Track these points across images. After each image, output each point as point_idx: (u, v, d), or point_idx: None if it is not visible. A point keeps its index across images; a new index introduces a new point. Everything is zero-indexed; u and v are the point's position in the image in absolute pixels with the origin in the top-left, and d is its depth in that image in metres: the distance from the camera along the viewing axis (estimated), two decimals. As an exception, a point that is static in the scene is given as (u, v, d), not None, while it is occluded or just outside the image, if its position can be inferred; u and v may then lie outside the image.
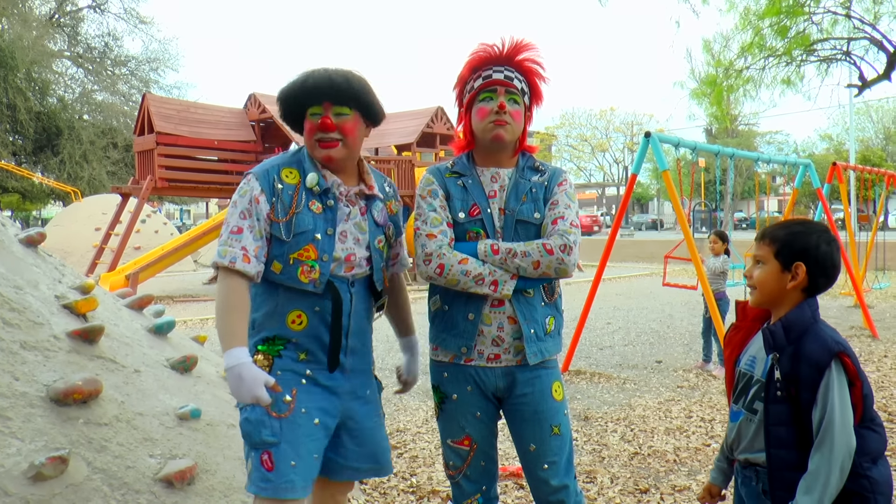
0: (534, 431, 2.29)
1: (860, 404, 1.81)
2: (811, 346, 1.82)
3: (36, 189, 31.52)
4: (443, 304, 2.33)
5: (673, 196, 6.47)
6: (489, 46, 2.32)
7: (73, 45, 33.04)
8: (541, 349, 2.28)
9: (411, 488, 3.79)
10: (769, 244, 1.93)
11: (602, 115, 55.27)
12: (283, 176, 2.11)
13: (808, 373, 1.80)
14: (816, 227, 1.93)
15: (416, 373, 2.50)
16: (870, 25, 12.67)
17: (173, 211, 57.78)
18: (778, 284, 1.91)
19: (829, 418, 1.76)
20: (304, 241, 2.07)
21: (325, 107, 2.09)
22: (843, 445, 1.75)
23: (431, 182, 2.34)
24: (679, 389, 6.00)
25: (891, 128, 46.16)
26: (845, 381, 1.79)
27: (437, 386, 2.37)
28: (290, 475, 2.01)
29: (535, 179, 2.33)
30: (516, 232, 2.27)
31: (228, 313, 1.99)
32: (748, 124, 45.13)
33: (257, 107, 16.74)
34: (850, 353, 1.81)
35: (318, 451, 2.10)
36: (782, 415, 1.85)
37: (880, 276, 12.00)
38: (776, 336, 1.86)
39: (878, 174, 10.53)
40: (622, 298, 12.76)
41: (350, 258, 2.13)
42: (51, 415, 2.38)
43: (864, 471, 1.80)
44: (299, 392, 2.08)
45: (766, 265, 1.93)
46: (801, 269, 1.88)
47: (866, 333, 8.47)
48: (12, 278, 2.79)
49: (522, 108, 2.31)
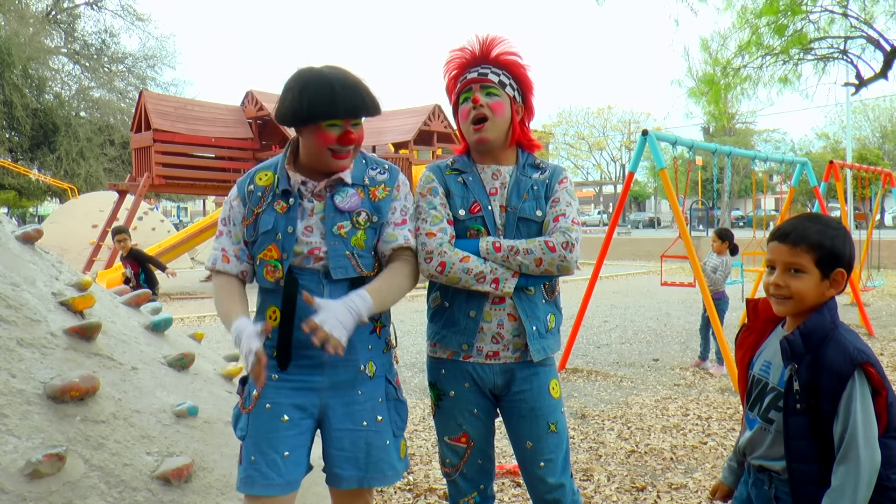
0: (531, 429, 2.29)
1: (884, 414, 1.72)
2: (832, 354, 1.73)
3: (32, 186, 31.45)
4: (443, 301, 2.32)
5: (670, 194, 6.47)
6: (460, 51, 2.33)
7: (70, 42, 32.95)
8: (543, 346, 2.28)
9: (408, 486, 3.79)
10: (808, 251, 1.79)
11: (599, 113, 55.29)
12: (256, 179, 2.20)
13: (828, 383, 1.71)
14: (843, 228, 1.84)
15: (329, 320, 1.95)
16: (866, 24, 12.68)
17: (170, 208, 57.68)
18: (818, 293, 1.80)
19: (851, 432, 1.68)
20: (267, 240, 2.12)
21: (346, 121, 2.08)
22: (868, 460, 1.67)
23: (431, 180, 2.33)
24: (676, 387, 6.02)
25: (887, 126, 46.24)
26: (868, 392, 1.70)
27: (434, 383, 2.37)
28: (250, 470, 2.06)
29: (536, 177, 2.33)
30: (518, 229, 2.27)
31: (221, 302, 2.15)
32: (745, 123, 45.16)
33: (254, 104, 16.72)
34: (874, 361, 1.73)
35: (290, 448, 2.07)
36: (802, 428, 1.77)
37: (876, 274, 12.03)
38: (794, 346, 1.77)
39: (875, 172, 10.55)
40: (619, 296, 12.78)
41: (314, 251, 2.12)
42: (48, 412, 2.38)
43: (890, 483, 1.72)
44: (268, 387, 2.09)
45: (806, 274, 1.79)
46: (842, 275, 1.79)
47: (862, 331, 8.49)
48: (9, 275, 2.78)
49: (505, 99, 2.29)
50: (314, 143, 2.10)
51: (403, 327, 8.91)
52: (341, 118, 2.07)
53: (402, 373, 6.48)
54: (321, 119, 2.05)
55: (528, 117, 2.40)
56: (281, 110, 2.11)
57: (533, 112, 2.40)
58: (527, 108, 2.38)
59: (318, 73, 2.06)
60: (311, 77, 2.06)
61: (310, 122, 2.07)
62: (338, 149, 2.10)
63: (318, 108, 2.03)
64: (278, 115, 2.12)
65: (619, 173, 55.49)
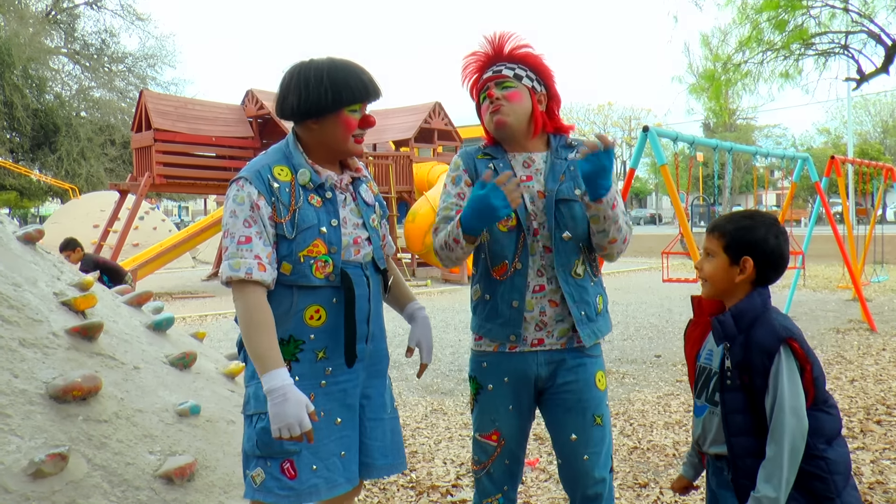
0: (576, 421, 2.25)
1: (811, 387, 1.84)
2: (760, 333, 1.86)
3: (34, 186, 31.48)
4: (483, 294, 2.30)
5: (671, 190, 6.46)
6: (474, 55, 2.36)
7: (70, 42, 32.98)
8: (594, 330, 2.27)
9: (410, 483, 3.79)
10: (718, 238, 1.96)
11: (600, 109, 55.23)
12: (276, 174, 2.05)
13: (758, 360, 1.84)
14: (765, 220, 1.95)
15: (425, 339, 2.30)
16: (868, 19, 12.66)
17: (171, 207, 57.71)
18: (727, 277, 1.94)
19: (779, 403, 1.80)
20: (310, 236, 2.03)
21: (364, 105, 2.09)
22: (795, 428, 1.78)
23: (458, 167, 2.35)
24: (678, 384, 6.01)
25: (889, 121, 46.21)
26: (795, 366, 1.83)
27: (474, 377, 2.34)
28: (313, 479, 1.99)
29: (572, 156, 2.32)
30: (559, 211, 2.24)
31: (258, 332, 1.94)
32: (746, 118, 45.16)
33: (255, 103, 16.71)
34: (799, 337, 1.85)
35: (345, 447, 2.06)
36: (738, 403, 1.88)
37: (878, 269, 12.00)
38: (725, 326, 1.90)
39: (877, 168, 10.53)
40: (621, 293, 12.77)
41: (357, 241, 2.11)
42: (50, 412, 2.38)
43: (819, 452, 1.83)
44: (317, 396, 2.03)
45: (715, 258, 1.96)
46: (748, 262, 1.91)
47: (864, 327, 8.48)
48: (11, 276, 2.79)
49: (521, 89, 2.29)
50: (338, 130, 2.06)
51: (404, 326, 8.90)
52: (368, 100, 2.08)
53: (404, 370, 6.49)
54: (346, 104, 2.04)
55: (556, 104, 2.38)
56: (300, 103, 2.03)
57: (559, 99, 2.38)
58: (551, 96, 2.37)
59: (333, 62, 2.05)
60: (327, 66, 2.04)
61: (334, 109, 2.03)
62: (360, 133, 2.10)
63: (346, 93, 2.02)
64: (295, 109, 2.04)
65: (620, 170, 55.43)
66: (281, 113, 2.10)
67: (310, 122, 2.06)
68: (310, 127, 2.07)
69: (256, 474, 2.00)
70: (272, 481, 1.98)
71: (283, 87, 2.07)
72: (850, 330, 8.37)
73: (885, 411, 4.96)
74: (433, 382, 6.15)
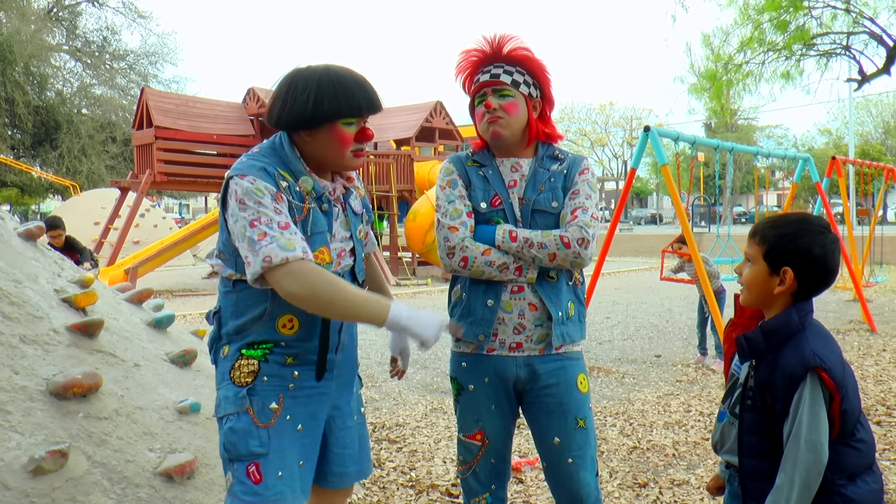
0: (559, 424, 2.25)
1: (838, 419, 1.71)
2: (789, 356, 1.73)
3: (35, 183, 31.51)
4: (462, 293, 2.30)
5: (672, 190, 6.46)
6: (472, 52, 2.31)
7: (72, 39, 33.00)
8: (562, 332, 2.24)
9: (410, 482, 3.79)
10: (759, 243, 1.80)
11: (601, 109, 55.29)
12: (282, 174, 1.98)
13: (781, 384, 1.72)
14: (812, 228, 1.78)
15: (404, 347, 2.33)
16: (869, 19, 12.66)
17: (172, 205, 57.70)
18: (765, 287, 1.79)
19: (795, 434, 1.69)
20: (319, 241, 1.99)
21: (362, 119, 2.02)
22: (808, 462, 1.67)
23: (451, 171, 2.33)
24: (678, 384, 6.01)
25: (890, 122, 46.18)
26: (821, 397, 1.69)
27: (455, 377, 2.35)
28: (279, 486, 1.94)
29: (555, 168, 2.30)
30: (534, 220, 2.25)
31: (349, 291, 1.86)
32: (747, 118, 45.11)
33: (256, 101, 16.73)
34: (830, 366, 1.70)
35: (304, 457, 2.01)
36: (756, 424, 1.79)
37: (878, 269, 12.00)
38: (752, 343, 1.78)
39: (878, 168, 10.53)
40: (621, 293, 12.78)
41: (341, 254, 2.08)
42: (50, 409, 2.38)
43: (835, 488, 1.72)
44: (286, 398, 1.99)
45: (754, 265, 1.81)
46: (788, 274, 1.76)
47: (865, 327, 8.48)
48: (11, 272, 2.79)
49: (519, 98, 2.27)
50: (332, 143, 1.99)
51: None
52: (361, 116, 1.99)
53: (404, 369, 6.48)
54: (341, 117, 1.95)
55: (549, 108, 2.37)
56: (291, 113, 1.95)
57: (553, 102, 2.37)
58: (546, 100, 2.35)
59: (328, 72, 1.96)
60: (323, 76, 1.95)
61: (327, 121, 1.95)
62: (358, 147, 2.02)
63: (336, 107, 1.93)
64: (286, 118, 1.96)
65: (621, 170, 55.47)
66: (268, 121, 2.02)
67: (303, 133, 1.99)
68: (303, 138, 2.00)
69: (227, 479, 1.97)
70: (238, 485, 1.93)
71: (274, 96, 2.00)
72: (850, 330, 8.37)
73: (885, 412, 4.96)
74: (433, 381, 6.15)
